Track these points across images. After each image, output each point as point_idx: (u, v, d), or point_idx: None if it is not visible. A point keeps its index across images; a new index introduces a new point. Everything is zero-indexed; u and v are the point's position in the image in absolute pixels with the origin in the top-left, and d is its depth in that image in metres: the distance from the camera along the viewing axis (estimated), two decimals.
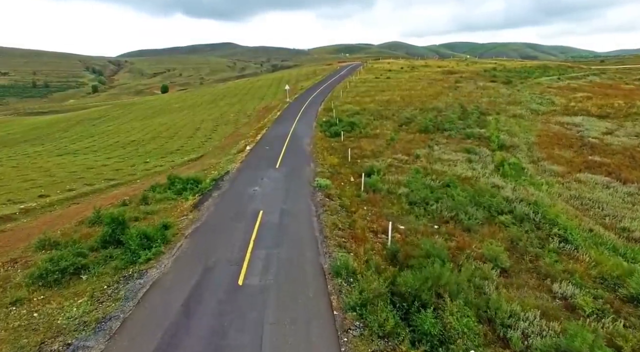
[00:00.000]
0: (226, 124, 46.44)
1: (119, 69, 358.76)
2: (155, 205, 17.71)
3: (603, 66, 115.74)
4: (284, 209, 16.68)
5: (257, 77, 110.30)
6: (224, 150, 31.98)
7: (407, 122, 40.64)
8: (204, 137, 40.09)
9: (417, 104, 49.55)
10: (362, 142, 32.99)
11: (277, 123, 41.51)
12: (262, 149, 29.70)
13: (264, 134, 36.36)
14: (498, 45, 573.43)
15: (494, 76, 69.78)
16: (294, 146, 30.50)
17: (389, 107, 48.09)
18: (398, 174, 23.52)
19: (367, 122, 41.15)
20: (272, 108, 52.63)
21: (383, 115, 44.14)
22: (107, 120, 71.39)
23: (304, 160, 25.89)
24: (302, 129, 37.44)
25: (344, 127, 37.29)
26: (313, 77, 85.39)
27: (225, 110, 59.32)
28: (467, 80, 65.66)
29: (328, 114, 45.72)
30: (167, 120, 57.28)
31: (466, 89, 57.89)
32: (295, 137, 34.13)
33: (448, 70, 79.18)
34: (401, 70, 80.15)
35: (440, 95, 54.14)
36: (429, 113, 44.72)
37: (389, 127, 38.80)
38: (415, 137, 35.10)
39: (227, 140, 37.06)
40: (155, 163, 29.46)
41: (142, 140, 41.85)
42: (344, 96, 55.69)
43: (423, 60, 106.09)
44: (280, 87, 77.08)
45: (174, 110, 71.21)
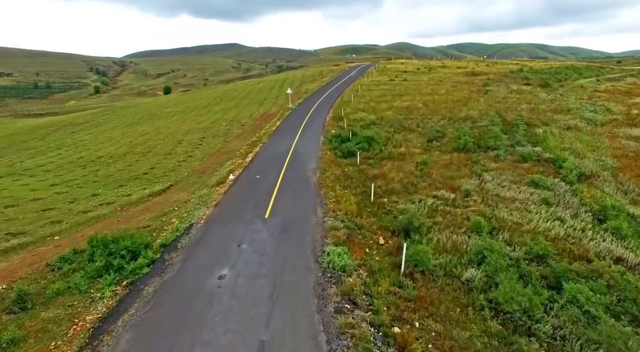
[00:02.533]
0: (215, 136, 38.60)
1: (123, 69, 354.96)
2: (35, 315, 9.78)
3: (631, 67, 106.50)
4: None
5: (259, 79, 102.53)
6: (200, 178, 24.08)
7: (438, 136, 32.46)
8: (184, 155, 32.25)
9: (444, 111, 41.35)
10: (385, 167, 24.90)
11: (276, 136, 33.56)
12: (250, 179, 21.72)
13: (257, 152, 28.41)
14: (507, 46, 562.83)
15: (526, 78, 61.23)
16: (294, 174, 22.50)
17: (411, 116, 39.95)
18: (451, 231, 15.41)
19: (388, 135, 33.07)
20: (272, 116, 44.72)
21: (405, 127, 36.02)
22: (90, 127, 64.03)
23: (308, 202, 17.86)
24: (306, 146, 29.45)
25: (359, 144, 29.24)
26: (319, 78, 77.42)
27: (218, 117, 51.54)
28: (497, 83, 57.22)
29: (338, 124, 37.73)
30: (151, 129, 49.62)
31: (498, 94, 49.52)
32: (296, 158, 26.14)
33: (470, 72, 70.74)
34: (418, 71, 71.89)
35: (470, 101, 45.85)
36: (462, 124, 36.52)
37: (416, 144, 30.67)
38: (453, 159, 26.93)
39: (210, 160, 29.17)
40: (105, 197, 21.62)
41: (110, 157, 34.17)
42: (355, 102, 47.63)
43: (440, 61, 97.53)
44: (283, 90, 69.24)
45: (164, 116, 63.64)
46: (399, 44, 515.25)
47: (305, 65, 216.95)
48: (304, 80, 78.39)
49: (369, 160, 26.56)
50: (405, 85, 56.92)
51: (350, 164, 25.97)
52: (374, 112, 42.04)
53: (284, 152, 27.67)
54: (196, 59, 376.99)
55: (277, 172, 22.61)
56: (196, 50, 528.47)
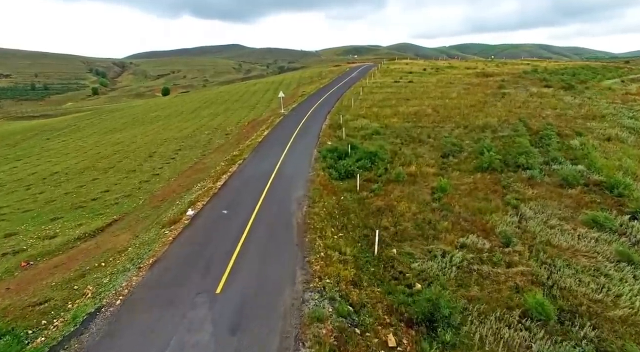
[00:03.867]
0: (193, 147, 33.32)
1: (123, 70, 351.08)
2: None
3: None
4: None
5: (255, 81, 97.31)
6: (156, 210, 18.78)
7: (454, 150, 27.01)
8: (150, 173, 26.98)
9: (458, 118, 35.94)
10: (392, 194, 19.50)
11: (260, 150, 28.22)
12: (213, 217, 16.36)
13: (233, 172, 23.05)
14: (510, 46, 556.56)
15: (544, 80, 55.63)
16: (273, 207, 17.16)
17: (420, 124, 34.55)
18: (499, 319, 10.01)
19: (394, 149, 27.69)
20: (261, 123, 39.41)
21: (414, 137, 30.63)
22: (68, 132, 58.92)
23: (285, 260, 12.52)
24: (295, 164, 24.09)
25: (359, 162, 23.84)
26: (318, 80, 72.11)
27: (203, 123, 46.28)
28: (513, 85, 51.69)
29: (335, 133, 32.41)
30: (128, 137, 44.41)
31: (517, 97, 44.00)
32: (280, 182, 20.78)
33: (481, 72, 65.24)
34: (424, 72, 66.44)
35: (486, 106, 40.39)
36: (480, 134, 31.09)
37: (429, 160, 25.26)
38: (477, 182, 21.50)
39: (177, 182, 23.86)
40: (21, 239, 16.40)
41: (65, 174, 28.95)
42: (356, 106, 42.27)
43: (447, 61, 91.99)
44: (278, 93, 63.97)
45: (148, 121, 58.45)
46: (401, 44, 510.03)
47: (307, 66, 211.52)
48: (302, 82, 73.11)
49: (371, 184, 21.14)
50: (411, 88, 51.49)
51: (348, 190, 20.58)
52: (377, 118, 36.68)
53: (266, 172, 22.30)
54: (197, 60, 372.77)
55: (251, 205, 17.25)
56: (197, 51, 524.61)
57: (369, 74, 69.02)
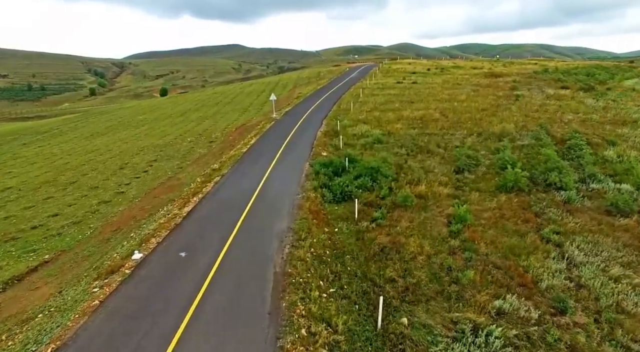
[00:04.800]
0: (170, 158, 29.44)
1: (122, 71, 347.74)
2: None
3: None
4: None
5: (251, 81, 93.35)
6: (103, 247, 14.87)
7: (470, 163, 23.04)
8: (113, 191, 23.10)
9: (470, 124, 32.02)
10: (398, 227, 15.56)
11: (244, 163, 24.30)
12: (165, 263, 12.46)
13: (207, 193, 19.13)
14: (511, 46, 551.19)
15: (559, 80, 51.60)
16: (246, 246, 13.28)
17: (427, 130, 30.63)
18: None
19: (399, 161, 23.77)
20: (250, 128, 35.52)
21: (422, 147, 26.70)
22: (48, 137, 55.10)
23: (247, 345, 8.56)
24: (281, 182, 20.18)
25: (359, 180, 19.91)
26: (316, 80, 68.19)
27: (189, 128, 42.41)
28: (526, 87, 47.68)
29: (332, 142, 28.51)
30: (106, 144, 40.56)
31: (533, 100, 40.02)
32: (260, 207, 16.86)
33: (490, 73, 61.23)
34: (428, 72, 62.46)
35: (499, 110, 36.44)
36: (498, 143, 27.16)
37: (440, 176, 21.31)
38: (503, 208, 17.55)
39: (141, 204, 19.98)
40: None
41: (19, 190, 25.11)
42: (356, 110, 38.35)
43: (451, 61, 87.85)
44: None
45: (133, 124, 54.61)
46: (402, 44, 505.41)
47: (307, 66, 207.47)
48: (299, 83, 69.20)
49: (373, 210, 17.20)
50: (415, 90, 47.54)
51: (343, 217, 16.66)
52: (378, 124, 32.77)
53: (246, 193, 18.39)
54: (196, 60, 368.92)
55: (218, 245, 13.35)
56: (197, 51, 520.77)
57: (370, 74, 65.08)
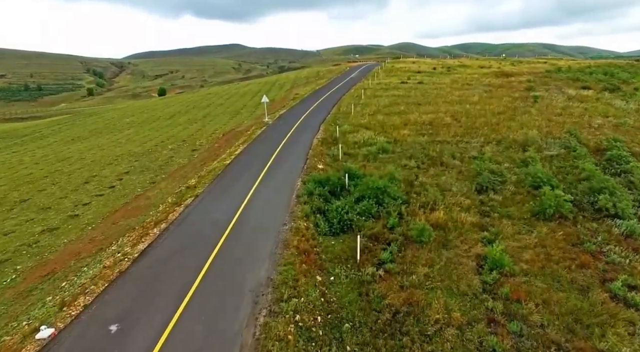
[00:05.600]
0: (145, 169, 25.67)
1: (121, 70, 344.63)
2: None
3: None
4: None
5: (247, 82, 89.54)
6: (17, 305, 11.08)
7: (493, 180, 19.23)
8: (68, 212, 19.39)
9: (486, 129, 28.21)
10: (414, 276, 11.74)
11: (225, 179, 20.52)
12: (86, 348, 8.64)
13: (172, 222, 15.35)
14: (513, 45, 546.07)
15: (578, 80, 47.66)
16: (204, 320, 9.45)
17: (439, 137, 26.82)
18: None
19: (409, 176, 19.99)
20: (239, 134, 31.76)
21: (434, 158, 22.89)
22: (27, 141, 51.42)
23: None
24: (266, 207, 16.39)
25: (362, 203, 16.09)
26: (315, 80, 64.37)
27: (173, 134, 38.65)
28: (543, 87, 43.79)
29: (329, 151, 24.73)
30: (82, 150, 36.82)
31: (554, 102, 36.15)
32: (235, 247, 13.08)
33: (500, 72, 57.32)
34: (434, 71, 58.60)
35: (518, 113, 32.61)
36: (522, 154, 23.34)
37: (460, 197, 17.51)
38: (546, 244, 13.72)
39: (90, 236, 16.24)
40: None
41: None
42: (357, 113, 34.56)
43: (457, 59, 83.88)
44: (269, 96, 56.29)
45: (119, 128, 50.90)
46: (403, 44, 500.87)
47: (307, 66, 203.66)
48: (297, 83, 65.37)
49: (380, 248, 13.41)
50: (422, 90, 43.67)
51: (342, 258, 12.88)
52: (382, 130, 29.00)
53: (219, 224, 14.60)
54: (196, 60, 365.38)
55: (169, 308, 9.56)
56: (197, 51, 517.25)
57: (372, 73, 61.20)
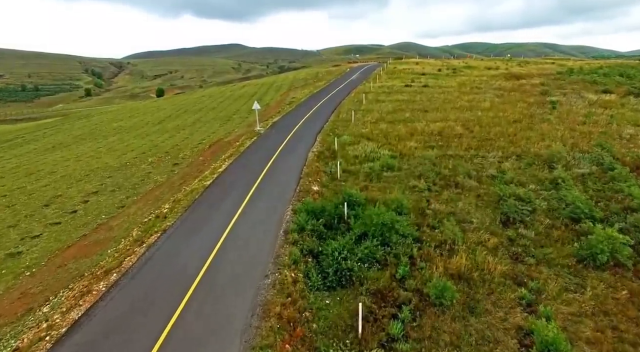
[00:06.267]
0: (116, 189, 22.56)
1: (120, 70, 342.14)
2: None
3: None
4: None
5: (244, 83, 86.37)
6: None
7: (520, 208, 16.06)
8: (11, 246, 16.27)
9: (503, 141, 25.08)
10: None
11: (202, 205, 17.40)
12: None
13: (127, 271, 12.21)
14: (514, 45, 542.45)
15: (595, 82, 44.44)
16: None
17: (450, 151, 23.69)
18: None
19: (419, 202, 16.87)
20: (227, 146, 28.64)
21: (447, 178, 19.76)
22: (6, 148, 48.35)
23: None
24: (245, 251, 13.27)
25: (364, 245, 12.95)
26: (313, 82, 61.22)
27: (157, 143, 35.54)
28: (559, 91, 40.62)
29: (327, 168, 21.61)
30: (56, 162, 33.72)
31: (574, 108, 32.97)
32: (199, 314, 9.90)
33: (509, 74, 54.13)
34: (439, 73, 55.45)
35: (535, 121, 29.49)
36: (547, 171, 20.20)
37: (482, 232, 14.40)
38: (607, 310, 10.54)
39: (21, 289, 13.11)
40: None
41: None
42: (358, 121, 31.44)
43: (462, 60, 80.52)
44: (264, 99, 53.19)
45: (104, 134, 47.80)
46: (403, 43, 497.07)
47: (307, 66, 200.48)
48: (294, 85, 62.20)
49: (389, 314, 10.25)
50: (428, 94, 40.51)
51: (337, 332, 9.76)
52: (386, 141, 25.86)
53: (183, 278, 11.47)
54: (195, 60, 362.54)
55: None
56: (197, 51, 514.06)
57: (373, 75, 58.01)
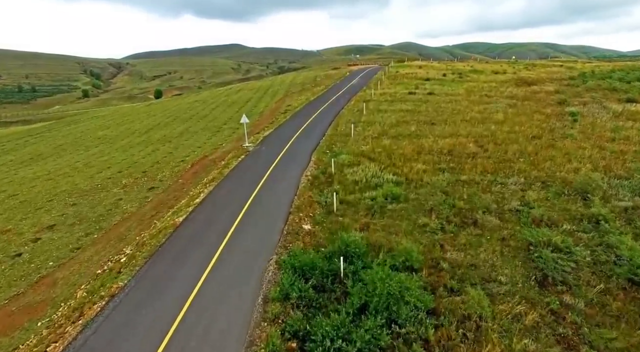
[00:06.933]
0: (79, 221, 19.47)
1: (119, 71, 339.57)
2: None
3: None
4: None
5: (240, 86, 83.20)
6: None
7: (561, 266, 12.86)
8: None
9: (523, 163, 21.97)
10: None
11: (169, 254, 14.26)
12: None
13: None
14: (515, 45, 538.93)
15: (615, 89, 41.16)
16: None
17: (463, 175, 20.52)
18: None
19: (432, 255, 13.67)
20: (212, 164, 25.49)
21: (462, 213, 16.60)
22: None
23: None
24: (212, 331, 10.08)
25: (366, 327, 9.76)
26: (311, 87, 58.07)
27: (137, 159, 32.40)
28: (577, 99, 37.40)
29: (321, 197, 18.49)
30: (24, 181, 30.67)
31: (598, 122, 29.78)
32: None
33: (518, 79, 50.95)
34: (444, 78, 52.27)
35: (556, 137, 26.34)
36: (584, 205, 17.04)
37: (517, 306, 11.16)
38: None
39: None
40: None
41: None
42: (358, 135, 28.29)
43: (467, 63, 77.08)
44: (259, 106, 50.06)
45: (85, 144, 44.67)
46: (404, 43, 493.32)
47: (307, 66, 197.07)
48: (290, 90, 59.01)
49: None
50: (434, 104, 37.33)
51: None
52: (390, 161, 22.70)
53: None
54: (195, 60, 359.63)
55: None
56: (197, 51, 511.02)
57: (374, 80, 54.81)
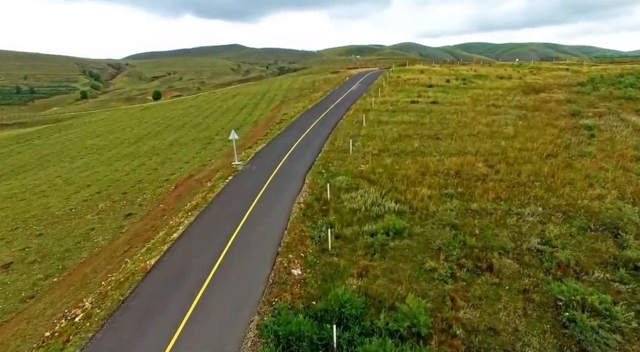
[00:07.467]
0: (42, 257, 17.25)
1: (118, 72, 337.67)
2: None
3: None
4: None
5: (236, 90, 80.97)
6: None
7: (600, 338, 10.63)
8: None
9: (538, 188, 19.75)
10: None
11: (132, 313, 12.07)
12: None
13: None
14: (516, 45, 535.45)
15: (630, 98, 38.85)
16: None
17: (473, 203, 18.32)
18: None
19: (439, 314, 11.44)
20: (197, 186, 23.30)
21: (473, 252, 14.38)
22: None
23: None
24: None
25: None
26: (309, 93, 55.87)
27: (122, 175, 30.25)
28: (591, 110, 35.15)
29: (314, 230, 16.39)
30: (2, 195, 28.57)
31: (618, 137, 27.53)
32: None
33: (525, 85, 48.66)
34: (448, 84, 50.00)
35: (572, 155, 24.14)
36: (614, 244, 14.82)
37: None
38: None
39: None
40: None
41: None
42: (357, 152, 26.06)
43: (470, 67, 74.52)
44: (255, 113, 47.86)
45: (71, 156, 42.52)
46: (404, 44, 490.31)
47: (308, 67, 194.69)
48: (288, 96, 56.79)
49: None
50: (438, 114, 35.06)
51: None
52: (392, 184, 20.50)
53: None
54: (195, 61, 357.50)
55: None
56: (197, 52, 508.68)
57: (375, 87, 52.54)
